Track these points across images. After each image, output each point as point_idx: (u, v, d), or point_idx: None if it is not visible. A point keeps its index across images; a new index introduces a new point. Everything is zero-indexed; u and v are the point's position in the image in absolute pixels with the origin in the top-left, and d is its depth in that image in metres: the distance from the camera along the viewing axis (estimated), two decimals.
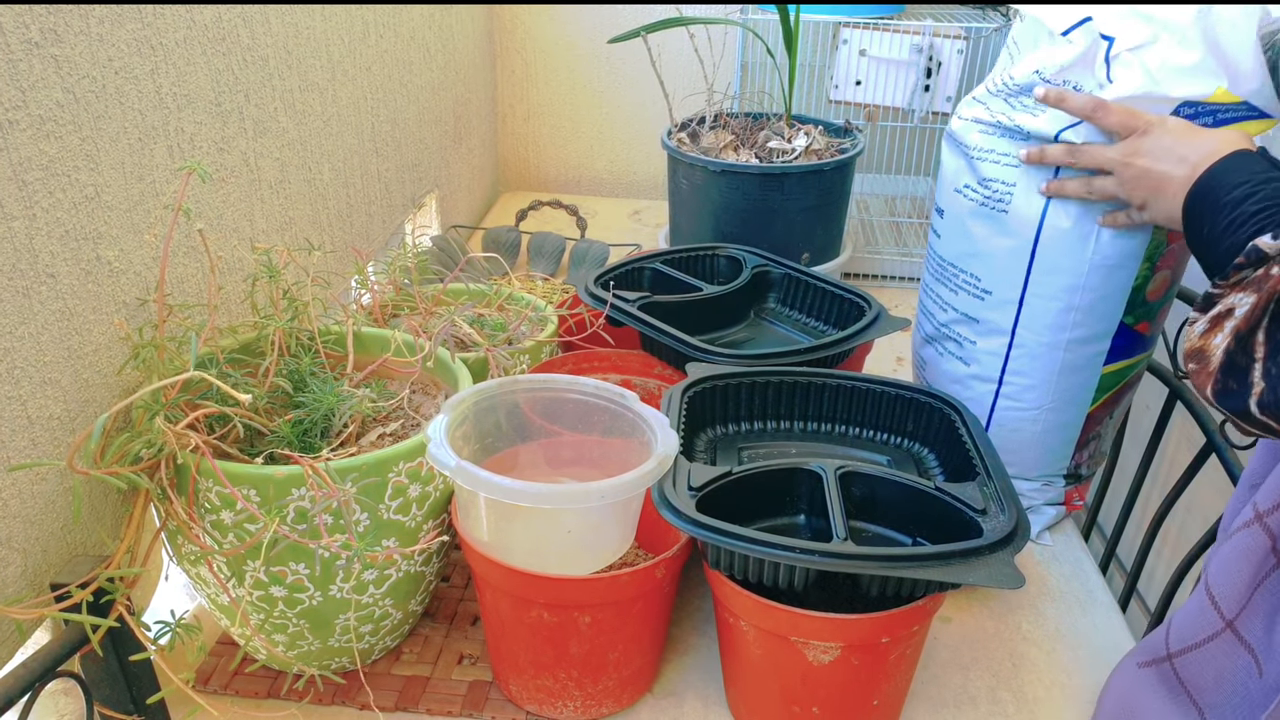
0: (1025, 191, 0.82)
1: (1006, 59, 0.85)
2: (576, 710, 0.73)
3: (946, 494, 0.71)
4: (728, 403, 0.84)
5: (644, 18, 1.65)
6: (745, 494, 0.72)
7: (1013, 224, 0.83)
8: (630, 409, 0.74)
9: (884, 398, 0.84)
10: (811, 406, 0.85)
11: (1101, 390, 0.89)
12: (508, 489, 0.64)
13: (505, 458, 0.77)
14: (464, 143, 1.59)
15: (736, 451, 0.83)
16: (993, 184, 0.84)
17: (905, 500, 0.72)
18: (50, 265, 0.63)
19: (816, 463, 0.73)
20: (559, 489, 0.65)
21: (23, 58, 0.60)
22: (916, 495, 0.72)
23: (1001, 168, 0.83)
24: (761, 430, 0.85)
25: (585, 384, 0.77)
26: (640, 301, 0.95)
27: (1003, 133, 0.83)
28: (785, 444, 0.84)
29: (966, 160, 0.87)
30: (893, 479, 0.73)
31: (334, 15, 1.03)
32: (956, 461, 0.79)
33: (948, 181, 0.90)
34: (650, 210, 1.76)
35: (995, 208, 0.84)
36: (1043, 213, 0.82)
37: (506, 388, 0.76)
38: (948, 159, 0.90)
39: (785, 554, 0.63)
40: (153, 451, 0.63)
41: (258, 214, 0.90)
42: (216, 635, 0.80)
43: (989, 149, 0.84)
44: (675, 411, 0.77)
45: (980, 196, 0.85)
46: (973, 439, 0.78)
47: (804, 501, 0.75)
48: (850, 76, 1.44)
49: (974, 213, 0.86)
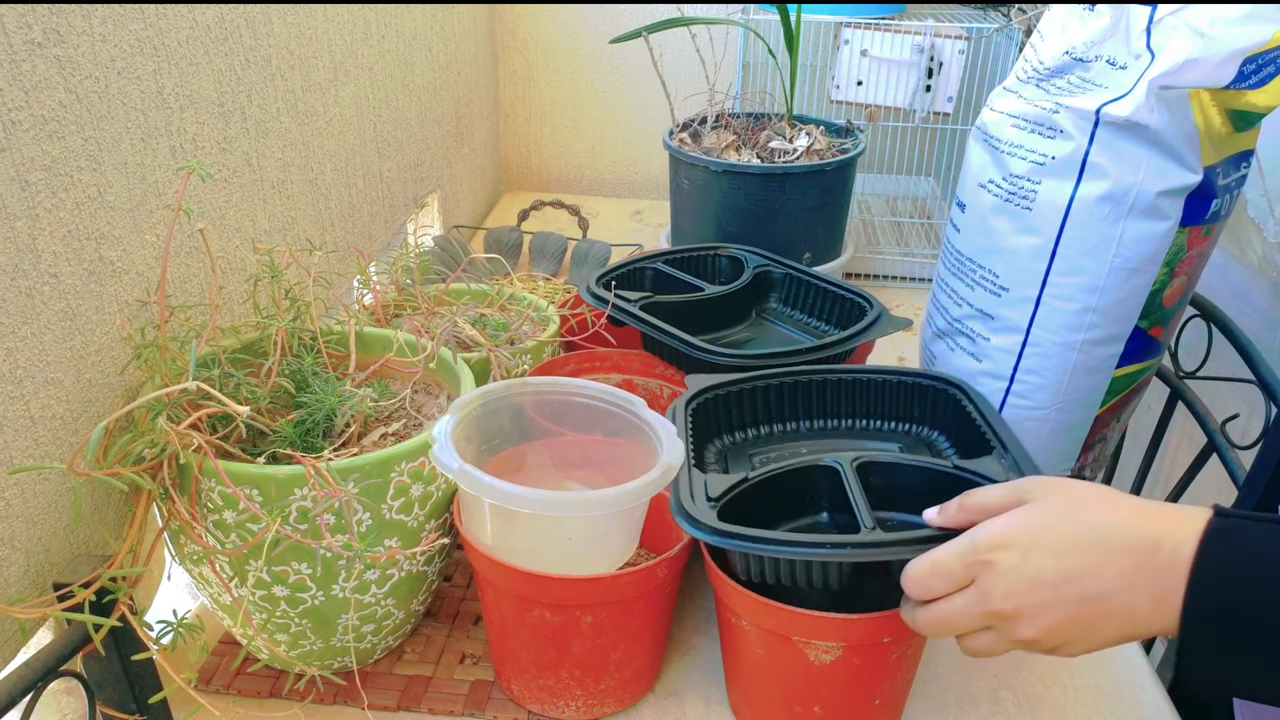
0: (1051, 189, 0.81)
1: (1033, 46, 0.84)
2: (578, 710, 0.73)
3: (966, 470, 0.70)
4: (732, 410, 0.83)
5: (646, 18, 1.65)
6: (764, 498, 0.71)
7: (1036, 222, 0.83)
8: (637, 415, 0.74)
9: (887, 386, 0.84)
10: (816, 404, 0.85)
11: (1112, 393, 0.88)
12: (510, 495, 0.63)
13: (512, 456, 0.77)
14: (466, 143, 1.59)
15: (748, 458, 0.82)
16: (1019, 180, 0.83)
17: (925, 483, 0.71)
18: (53, 265, 0.63)
19: (831, 457, 0.72)
20: (562, 496, 0.65)
21: (25, 58, 0.60)
22: (936, 477, 0.71)
23: (1029, 164, 0.82)
24: (769, 434, 0.85)
25: (592, 388, 0.77)
26: (642, 301, 0.95)
27: (1034, 128, 0.82)
28: (795, 445, 0.84)
29: (994, 155, 0.86)
30: (910, 463, 0.73)
31: (336, 15, 1.03)
32: (969, 440, 0.78)
33: (972, 175, 0.89)
34: (652, 210, 1.76)
35: (1019, 204, 0.83)
36: (1066, 211, 0.81)
37: (514, 389, 0.76)
38: (974, 152, 0.89)
39: (820, 551, 0.61)
40: (155, 451, 0.63)
41: (260, 214, 0.90)
42: (219, 635, 0.80)
43: (1019, 144, 0.83)
44: (681, 425, 0.76)
45: (1004, 192, 0.85)
46: (982, 415, 0.77)
47: (824, 499, 0.74)
48: (852, 77, 1.44)
49: (997, 208, 0.86)
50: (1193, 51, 0.72)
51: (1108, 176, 0.78)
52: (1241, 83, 0.72)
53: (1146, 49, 0.74)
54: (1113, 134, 0.77)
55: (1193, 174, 0.77)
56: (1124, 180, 0.78)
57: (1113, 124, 0.77)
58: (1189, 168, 0.77)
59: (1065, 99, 0.79)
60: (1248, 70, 0.72)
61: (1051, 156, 0.81)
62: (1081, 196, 0.80)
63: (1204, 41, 0.72)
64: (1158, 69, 0.74)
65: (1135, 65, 0.75)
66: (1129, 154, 0.77)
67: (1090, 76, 0.79)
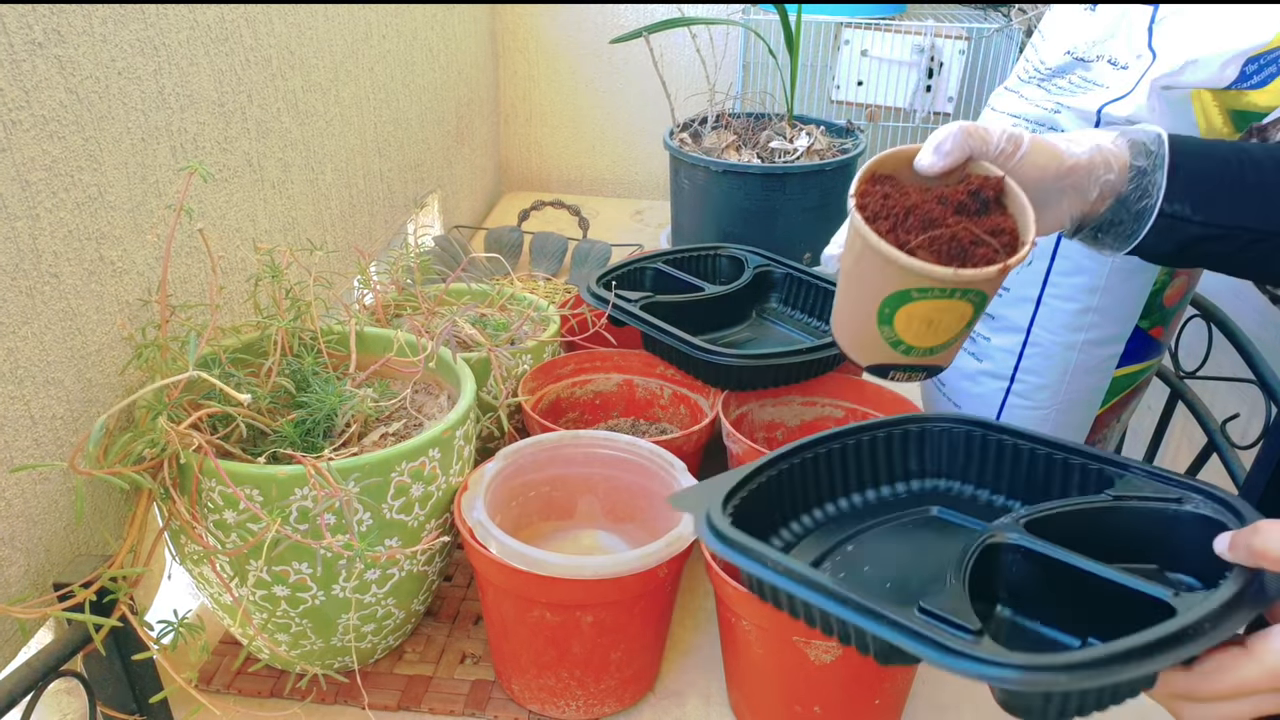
0: None
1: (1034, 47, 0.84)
2: (579, 710, 0.73)
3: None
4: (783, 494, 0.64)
5: (646, 18, 1.65)
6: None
7: None
8: (679, 480, 0.76)
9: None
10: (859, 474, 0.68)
11: (1112, 393, 0.88)
12: (524, 557, 0.66)
13: (566, 500, 0.82)
14: (466, 143, 1.59)
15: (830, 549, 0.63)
16: None
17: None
18: (53, 265, 0.63)
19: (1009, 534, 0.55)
20: (574, 562, 0.66)
21: (26, 58, 0.60)
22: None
23: None
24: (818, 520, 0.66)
25: (642, 446, 0.79)
26: (642, 301, 0.95)
27: (1035, 128, 0.82)
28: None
29: None
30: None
31: (337, 16, 1.03)
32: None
33: None
34: (652, 210, 1.76)
35: None
36: None
37: (566, 441, 0.80)
38: None
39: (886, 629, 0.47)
40: (156, 451, 0.63)
41: (260, 214, 0.90)
42: (219, 635, 0.80)
43: None
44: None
45: None
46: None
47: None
48: (852, 77, 1.44)
49: None
50: (1195, 52, 0.72)
51: None
52: (1243, 83, 0.72)
53: (1148, 49, 0.75)
54: None
55: None
56: None
57: (1114, 124, 0.77)
58: None
59: (1066, 99, 0.79)
60: (1250, 70, 0.72)
61: None
62: None
63: (1206, 42, 0.72)
64: (1159, 69, 0.74)
65: (1137, 65, 0.75)
66: None
67: (1091, 76, 0.79)
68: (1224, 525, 0.53)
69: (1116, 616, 0.49)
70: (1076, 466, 0.62)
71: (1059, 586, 0.53)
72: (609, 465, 0.80)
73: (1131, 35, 0.75)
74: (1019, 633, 0.55)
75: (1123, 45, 0.76)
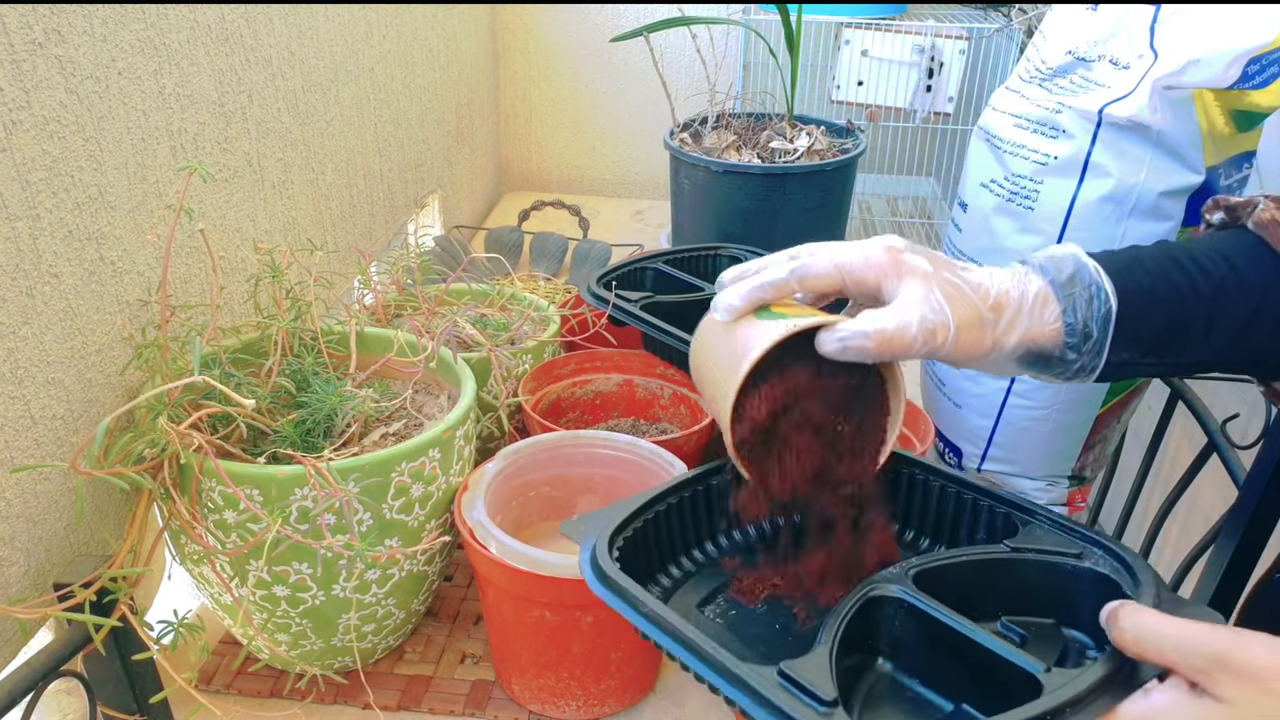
0: (1053, 189, 0.81)
1: (1035, 46, 0.84)
2: (579, 710, 0.73)
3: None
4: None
5: (646, 17, 1.65)
6: None
7: (1038, 222, 0.82)
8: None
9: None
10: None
11: (1113, 393, 0.88)
12: (525, 557, 0.66)
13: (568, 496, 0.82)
14: (466, 143, 1.59)
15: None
16: (1021, 180, 0.83)
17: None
18: (54, 265, 0.63)
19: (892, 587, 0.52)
20: (574, 562, 0.66)
21: (26, 58, 0.60)
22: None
23: (1032, 164, 0.82)
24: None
25: (643, 447, 0.79)
26: (642, 301, 0.94)
27: (1036, 128, 0.82)
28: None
29: (996, 155, 0.86)
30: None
31: (337, 16, 1.03)
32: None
33: (973, 175, 0.89)
34: (652, 210, 1.76)
35: (1021, 204, 0.83)
36: (1068, 211, 0.81)
37: (567, 440, 0.80)
38: (976, 152, 0.89)
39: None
40: (156, 451, 0.63)
41: (261, 214, 0.90)
42: (219, 635, 0.80)
43: (1021, 144, 0.83)
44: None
45: (1007, 192, 0.85)
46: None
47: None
48: (852, 77, 1.44)
49: (999, 208, 0.86)
50: (1196, 52, 0.72)
51: (1110, 177, 0.78)
52: (1245, 83, 0.72)
53: (1150, 48, 0.74)
54: (1115, 134, 0.77)
55: (1195, 174, 0.77)
56: (1126, 180, 0.78)
57: (1115, 124, 0.77)
58: (1192, 168, 0.77)
59: (1068, 99, 0.79)
60: (1251, 71, 0.72)
61: (1054, 156, 0.80)
62: (1084, 197, 0.80)
63: (1208, 42, 0.71)
64: (1161, 69, 0.74)
65: (1138, 65, 0.75)
66: (1131, 154, 0.77)
67: (1093, 76, 0.79)
68: (1118, 586, 0.52)
69: (990, 683, 0.48)
70: (985, 508, 0.60)
71: (939, 645, 0.51)
72: (609, 465, 0.80)
73: (1133, 35, 0.75)
74: (897, 690, 0.53)
75: (1124, 45, 0.76)
